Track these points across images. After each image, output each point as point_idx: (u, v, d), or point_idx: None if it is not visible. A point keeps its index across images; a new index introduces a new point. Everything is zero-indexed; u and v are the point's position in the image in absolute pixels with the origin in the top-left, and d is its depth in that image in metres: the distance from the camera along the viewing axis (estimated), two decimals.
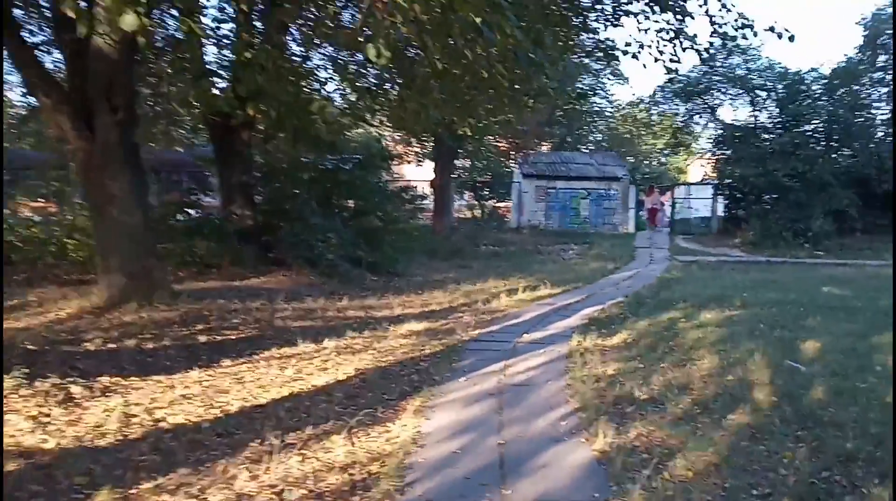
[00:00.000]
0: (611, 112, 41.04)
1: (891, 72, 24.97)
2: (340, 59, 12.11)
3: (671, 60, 9.71)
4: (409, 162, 38.75)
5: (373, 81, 12.71)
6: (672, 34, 9.63)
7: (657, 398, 5.40)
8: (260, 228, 12.78)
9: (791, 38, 8.42)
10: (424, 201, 17.51)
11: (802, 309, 9.69)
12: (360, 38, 6.06)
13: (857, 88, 24.35)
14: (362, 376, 6.08)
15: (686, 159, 60.53)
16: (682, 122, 29.36)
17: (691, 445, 4.33)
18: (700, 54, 9.97)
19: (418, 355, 6.94)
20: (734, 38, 9.87)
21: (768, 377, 5.87)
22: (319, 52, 13.35)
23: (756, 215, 23.35)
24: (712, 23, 9.60)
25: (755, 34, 9.32)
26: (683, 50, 9.62)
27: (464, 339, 7.73)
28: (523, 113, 13.61)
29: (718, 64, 26.63)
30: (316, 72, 14.37)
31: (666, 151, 57.16)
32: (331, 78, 14.19)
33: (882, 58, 24.93)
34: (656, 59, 9.74)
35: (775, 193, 22.93)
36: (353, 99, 15.33)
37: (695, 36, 9.75)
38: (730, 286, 12.86)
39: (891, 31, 24.39)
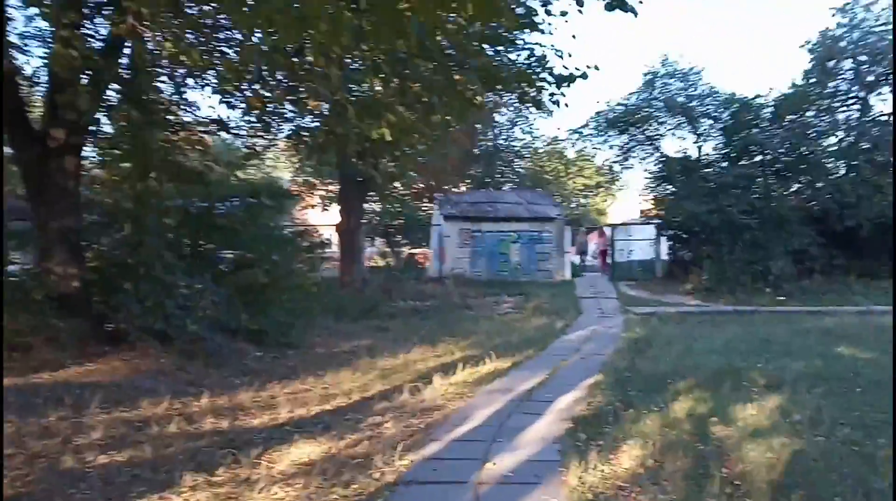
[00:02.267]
0: (533, 149, 39.25)
1: (844, 97, 24.18)
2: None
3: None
4: (312, 206, 35.73)
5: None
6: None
7: None
8: (90, 291, 9.52)
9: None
10: (327, 249, 14.65)
11: (859, 389, 7.34)
12: None
13: (807, 117, 23.21)
14: None
15: (605, 200, 60.39)
16: (618, 156, 27.62)
17: None
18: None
19: None
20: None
21: None
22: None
23: (708, 256, 21.54)
24: None
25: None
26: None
27: (387, 480, 4.83)
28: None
29: (657, 91, 25.21)
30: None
31: (586, 192, 56.67)
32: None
33: (833, 83, 24.06)
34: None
35: (728, 231, 21.20)
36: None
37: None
38: (721, 350, 10.60)
39: (835, 59, 23.65)
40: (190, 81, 10.96)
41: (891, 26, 22.95)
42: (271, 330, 11.44)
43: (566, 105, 6.72)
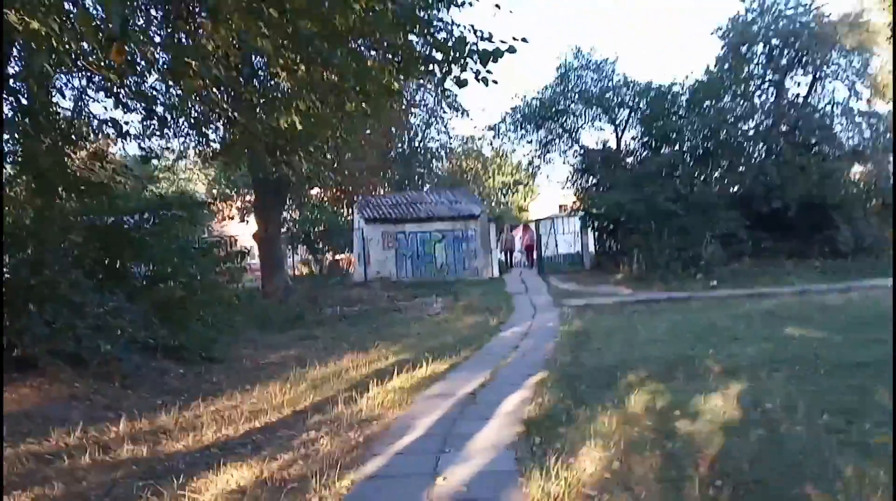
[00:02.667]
0: (450, 149, 38.93)
1: (759, 82, 24.77)
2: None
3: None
4: (231, 218, 34.46)
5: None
6: None
7: None
8: None
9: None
10: (246, 260, 13.87)
11: (823, 372, 7.18)
12: None
13: (724, 103, 23.64)
14: None
15: (526, 197, 60.89)
16: (537, 150, 27.50)
17: None
18: None
19: None
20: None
21: None
22: None
23: (636, 245, 21.66)
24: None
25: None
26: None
27: None
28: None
29: (572, 84, 25.25)
30: None
31: (505, 190, 56.96)
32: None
33: (747, 68, 24.60)
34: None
35: (655, 219, 21.36)
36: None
37: None
38: (665, 338, 10.48)
39: (750, 41, 24.23)
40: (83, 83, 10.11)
41: (800, 9, 23.73)
42: (192, 346, 10.81)
43: (495, 82, 6.23)
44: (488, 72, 6.25)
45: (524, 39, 6.07)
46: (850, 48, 23.70)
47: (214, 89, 8.86)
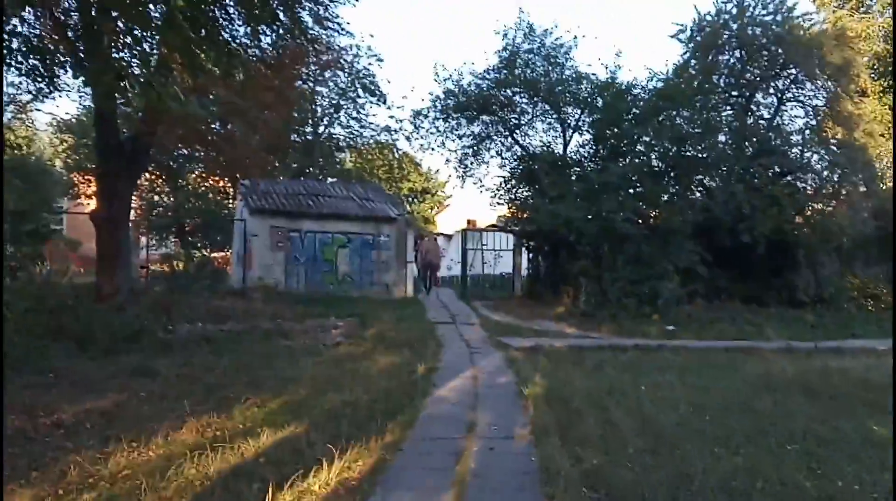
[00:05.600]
0: (361, 139, 34.66)
1: (725, 96, 22.13)
2: None
3: None
4: (90, 197, 29.05)
5: None
6: None
7: None
8: None
9: None
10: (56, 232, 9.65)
11: None
12: None
13: (684, 114, 20.68)
14: None
15: (433, 208, 57.61)
16: (470, 147, 23.75)
17: None
18: None
19: None
20: None
21: None
22: None
23: (583, 273, 18.35)
24: None
25: None
26: None
27: None
28: None
29: (518, 70, 21.77)
30: None
31: (411, 197, 53.49)
32: None
33: (715, 79, 21.91)
34: None
35: (609, 243, 18.13)
36: None
37: None
38: (703, 425, 6.98)
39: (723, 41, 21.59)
40: None
41: (779, 16, 21.28)
42: None
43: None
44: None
45: None
46: (827, 69, 21.46)
47: None
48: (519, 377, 9.61)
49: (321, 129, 33.78)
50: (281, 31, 13.49)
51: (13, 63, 12.94)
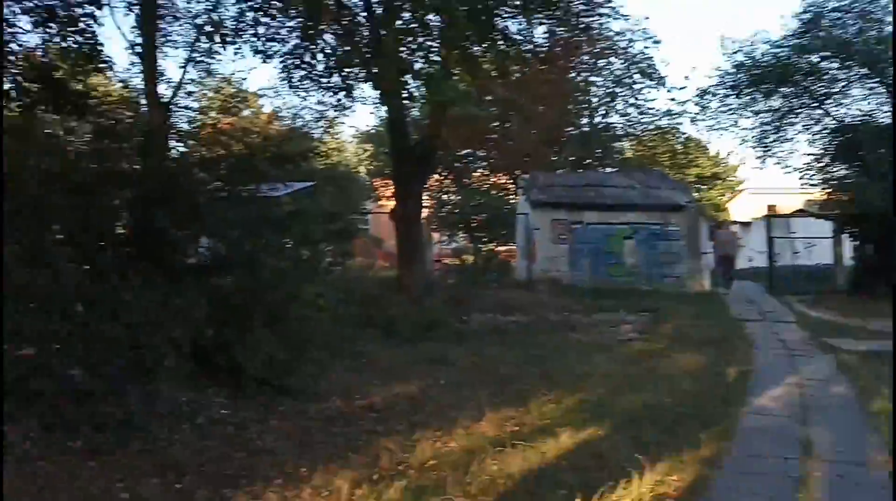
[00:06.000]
0: (640, 126, 33.44)
1: None
2: None
3: None
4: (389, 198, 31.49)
5: None
6: None
7: None
8: None
9: None
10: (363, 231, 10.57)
11: None
12: None
13: None
14: None
15: (724, 194, 53.82)
16: (767, 123, 21.71)
17: None
18: None
19: None
20: None
21: None
22: None
23: None
24: None
25: None
26: None
27: None
28: None
29: (822, 33, 19.39)
30: None
31: (699, 185, 50.48)
32: None
33: None
34: None
35: None
36: None
37: None
38: None
39: None
40: None
41: None
42: (256, 367, 7.10)
43: None
44: None
45: None
46: None
47: None
48: (859, 388, 8.39)
49: (597, 119, 33.25)
50: (554, 20, 13.60)
51: (320, 81, 15.58)
